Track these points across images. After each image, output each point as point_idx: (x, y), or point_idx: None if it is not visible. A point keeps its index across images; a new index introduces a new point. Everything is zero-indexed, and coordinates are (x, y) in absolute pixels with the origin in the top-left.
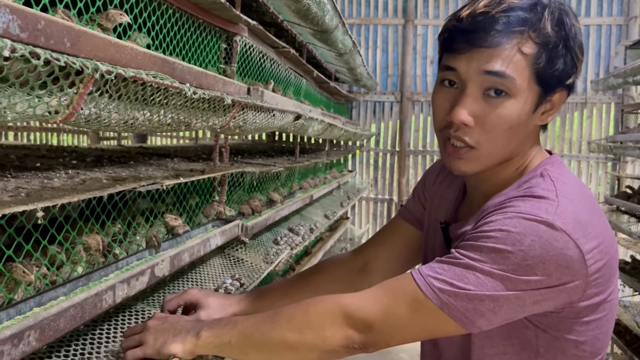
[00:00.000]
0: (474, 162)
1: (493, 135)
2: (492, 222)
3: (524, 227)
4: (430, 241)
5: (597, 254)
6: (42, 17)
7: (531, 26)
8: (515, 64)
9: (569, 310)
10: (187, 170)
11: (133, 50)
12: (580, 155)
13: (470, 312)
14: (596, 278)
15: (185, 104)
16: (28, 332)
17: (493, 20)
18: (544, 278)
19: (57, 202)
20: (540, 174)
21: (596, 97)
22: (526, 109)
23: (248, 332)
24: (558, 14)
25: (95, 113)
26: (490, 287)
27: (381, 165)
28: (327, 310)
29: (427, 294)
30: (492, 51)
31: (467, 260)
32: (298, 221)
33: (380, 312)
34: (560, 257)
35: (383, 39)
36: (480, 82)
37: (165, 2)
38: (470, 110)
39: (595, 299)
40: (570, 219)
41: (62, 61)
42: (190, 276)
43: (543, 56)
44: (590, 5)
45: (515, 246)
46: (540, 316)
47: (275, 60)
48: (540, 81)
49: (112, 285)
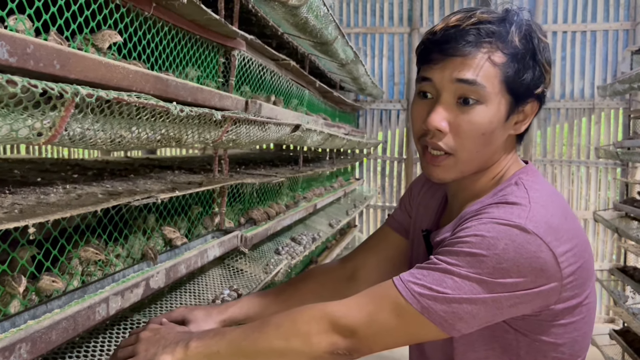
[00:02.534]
0: (451, 169)
1: (466, 142)
2: (467, 228)
3: (498, 232)
4: (415, 249)
5: (571, 257)
6: (31, 41)
7: (499, 38)
8: (485, 72)
9: (547, 313)
10: (185, 183)
11: (124, 69)
12: (588, 161)
13: (449, 316)
14: (571, 281)
15: (174, 121)
16: (19, 345)
17: (464, 32)
18: (519, 280)
19: (49, 218)
20: (515, 182)
21: (604, 102)
22: (498, 117)
23: (236, 342)
24: (525, 29)
25: (80, 133)
26: (467, 290)
27: (388, 172)
28: (313, 317)
29: (407, 299)
30: (463, 60)
31: (445, 265)
32: (302, 230)
33: (364, 318)
34: (533, 260)
35: (389, 47)
36: (453, 90)
37: (161, 20)
38: (444, 116)
39: (572, 302)
40: (542, 222)
41: (40, 87)
42: (189, 287)
43: (512, 66)
44: (596, 11)
45: (490, 250)
46: (519, 320)
47: (275, 72)
48: (510, 90)
49: (106, 297)
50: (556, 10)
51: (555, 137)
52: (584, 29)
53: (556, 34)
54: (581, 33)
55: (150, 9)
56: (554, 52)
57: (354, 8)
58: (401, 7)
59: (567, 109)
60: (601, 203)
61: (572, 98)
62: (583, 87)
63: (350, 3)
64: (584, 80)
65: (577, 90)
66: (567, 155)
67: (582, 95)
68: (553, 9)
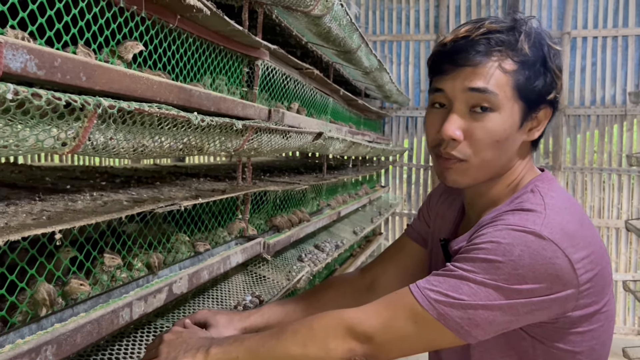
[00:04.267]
0: (464, 174)
1: (481, 148)
2: (483, 235)
3: (513, 238)
4: (434, 258)
5: (588, 264)
6: (58, 54)
7: (509, 46)
8: (497, 81)
9: (564, 320)
10: (209, 190)
11: (148, 80)
12: (620, 169)
13: (465, 322)
14: (588, 288)
15: (195, 130)
16: (45, 347)
17: (473, 42)
18: (535, 287)
19: (75, 225)
20: (530, 190)
21: (636, 109)
22: (511, 123)
23: (254, 348)
24: (535, 36)
25: (103, 143)
26: (483, 297)
27: (414, 180)
28: (330, 324)
29: (424, 306)
30: (474, 69)
31: (461, 272)
32: (325, 237)
33: (380, 325)
34: (549, 266)
35: (415, 54)
36: (466, 99)
37: (185, 32)
38: (458, 125)
39: (589, 309)
40: (558, 229)
41: (64, 100)
42: (211, 293)
43: (523, 73)
44: (628, 16)
45: (506, 256)
46: (535, 327)
47: (299, 80)
48: (522, 97)
49: (129, 302)
50: (586, 15)
51: (585, 144)
52: (615, 34)
53: (586, 40)
54: (612, 38)
55: (175, 21)
56: (584, 58)
57: (379, 16)
58: (427, 15)
59: (598, 116)
60: (634, 212)
61: (603, 104)
62: (614, 94)
63: (376, 11)
64: (616, 87)
65: (609, 97)
66: (597, 162)
67: (614, 102)
68: (583, 14)
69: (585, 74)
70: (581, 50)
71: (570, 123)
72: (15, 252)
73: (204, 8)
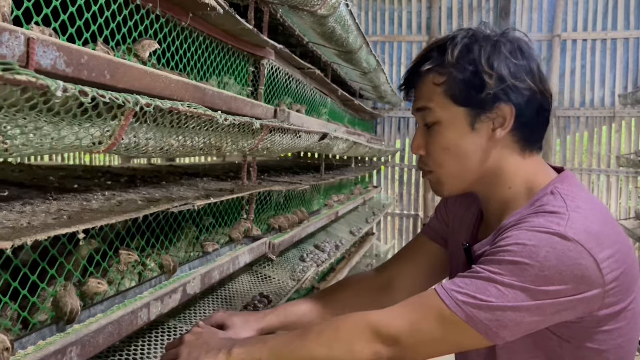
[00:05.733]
0: (438, 183)
1: (436, 159)
2: (508, 237)
3: (539, 240)
4: (454, 260)
5: (613, 263)
6: (85, 52)
7: (436, 61)
8: (431, 97)
9: (590, 319)
10: (217, 190)
11: (167, 78)
12: (609, 170)
13: (493, 324)
14: (614, 287)
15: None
16: (70, 348)
17: (414, 69)
18: (561, 288)
19: (97, 224)
20: (550, 192)
21: (624, 110)
22: (458, 129)
23: (278, 349)
24: (466, 42)
25: (135, 142)
26: (511, 299)
27: (406, 180)
28: (356, 326)
29: (451, 308)
30: (417, 92)
31: (488, 274)
32: (323, 237)
33: (407, 327)
34: (575, 267)
35: (407, 55)
36: (420, 119)
37: (196, 30)
38: (419, 142)
39: (615, 308)
40: (582, 229)
41: (107, 97)
42: (220, 293)
43: (453, 81)
44: (616, 19)
45: (532, 258)
46: (562, 326)
47: (300, 80)
48: (460, 102)
49: (147, 302)
50: (576, 18)
51: (575, 145)
52: (604, 37)
53: (576, 42)
54: (601, 41)
55: (187, 19)
56: (574, 60)
57: (372, 16)
58: (419, 16)
59: (587, 117)
60: (622, 212)
61: (592, 106)
62: (603, 96)
63: (369, 12)
64: (605, 89)
65: (597, 99)
66: (586, 163)
67: (603, 104)
68: (573, 17)
69: (575, 76)
70: (571, 53)
71: (560, 124)
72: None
73: (217, 6)
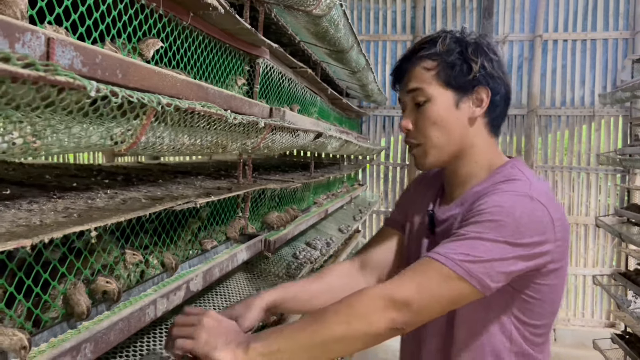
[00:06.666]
0: (424, 155)
1: (426, 131)
2: (484, 202)
3: (513, 202)
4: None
5: (560, 225)
6: (100, 52)
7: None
8: (423, 78)
9: (541, 271)
10: (215, 188)
11: (173, 78)
12: (589, 168)
13: (486, 276)
14: (559, 245)
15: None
16: (84, 345)
17: (405, 59)
18: (532, 240)
19: (107, 222)
20: (510, 167)
21: (604, 110)
22: (446, 106)
23: (295, 335)
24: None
25: (152, 141)
26: (496, 252)
27: (391, 178)
28: (369, 299)
29: (450, 267)
30: (408, 76)
31: (473, 234)
32: (314, 235)
33: (415, 289)
34: (539, 223)
35: (392, 54)
36: (410, 99)
37: (196, 30)
38: (410, 119)
39: (556, 265)
40: (542, 193)
41: (135, 97)
42: (219, 290)
43: (443, 67)
44: (596, 20)
45: (509, 217)
46: (517, 278)
47: (292, 79)
48: (448, 85)
49: (154, 300)
50: (557, 19)
51: (556, 143)
52: (584, 38)
53: (557, 42)
54: (581, 42)
55: (188, 19)
56: (555, 60)
57: (357, 16)
58: (404, 15)
59: (568, 116)
60: (601, 209)
61: (572, 105)
62: (583, 95)
63: (354, 11)
64: (584, 88)
65: (578, 98)
66: (567, 161)
67: (583, 103)
68: (554, 18)
69: (556, 76)
70: (552, 53)
71: (541, 123)
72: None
73: (218, 6)
